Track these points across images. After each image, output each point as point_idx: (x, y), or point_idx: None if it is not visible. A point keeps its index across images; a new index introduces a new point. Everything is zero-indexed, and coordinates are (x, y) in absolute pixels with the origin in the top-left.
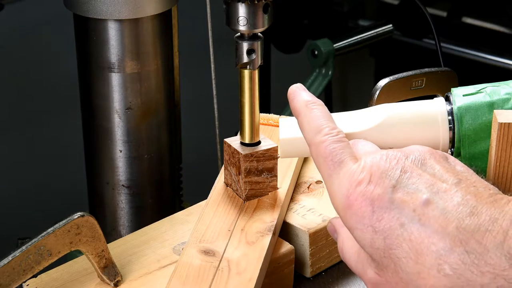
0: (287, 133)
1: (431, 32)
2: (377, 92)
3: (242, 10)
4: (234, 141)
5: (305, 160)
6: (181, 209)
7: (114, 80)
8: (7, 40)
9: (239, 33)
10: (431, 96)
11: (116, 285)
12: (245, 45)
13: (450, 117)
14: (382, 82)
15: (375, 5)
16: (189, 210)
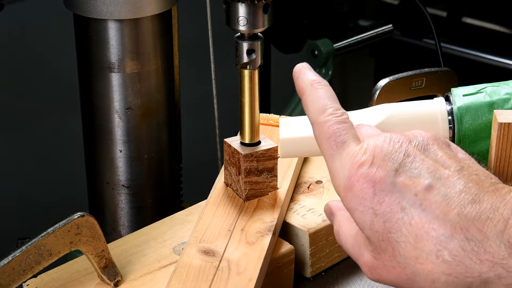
0: (287, 133)
1: (431, 32)
2: (377, 92)
3: (242, 10)
4: (234, 141)
5: (305, 160)
6: (181, 209)
7: (114, 80)
8: (7, 40)
9: (239, 33)
10: (431, 96)
11: (116, 285)
12: (245, 45)
13: (450, 117)
14: (382, 82)
15: (375, 5)
16: (189, 210)
